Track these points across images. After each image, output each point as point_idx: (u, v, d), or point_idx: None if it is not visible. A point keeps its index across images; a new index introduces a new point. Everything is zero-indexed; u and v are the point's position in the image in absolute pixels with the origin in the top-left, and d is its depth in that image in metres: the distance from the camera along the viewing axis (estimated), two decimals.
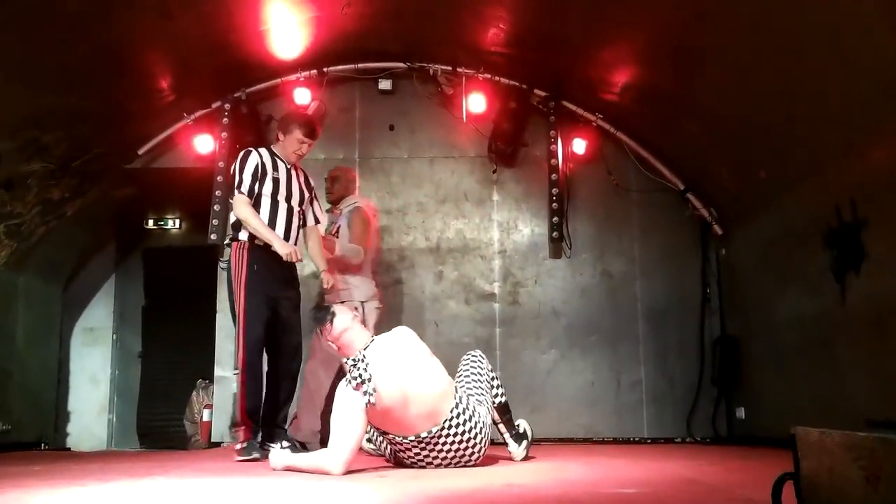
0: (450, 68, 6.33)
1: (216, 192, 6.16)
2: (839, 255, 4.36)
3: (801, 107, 4.43)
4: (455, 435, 3.54)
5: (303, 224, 4.84)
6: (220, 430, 6.08)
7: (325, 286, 4.89)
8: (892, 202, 3.86)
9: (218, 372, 6.20)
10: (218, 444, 6.05)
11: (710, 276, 6.30)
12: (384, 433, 3.59)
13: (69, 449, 6.29)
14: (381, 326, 4.52)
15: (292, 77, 6.29)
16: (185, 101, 6.10)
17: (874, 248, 4.05)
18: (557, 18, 5.28)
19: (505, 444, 4.15)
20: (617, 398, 6.22)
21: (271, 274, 4.51)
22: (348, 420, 3.33)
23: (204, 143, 6.25)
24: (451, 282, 6.41)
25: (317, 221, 4.94)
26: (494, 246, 6.46)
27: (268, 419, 4.56)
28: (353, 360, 3.44)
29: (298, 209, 4.73)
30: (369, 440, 4.23)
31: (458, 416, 3.56)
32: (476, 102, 6.31)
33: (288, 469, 3.54)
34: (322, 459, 3.37)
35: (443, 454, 3.56)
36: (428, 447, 3.54)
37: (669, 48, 4.97)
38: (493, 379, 4.07)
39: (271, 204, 4.56)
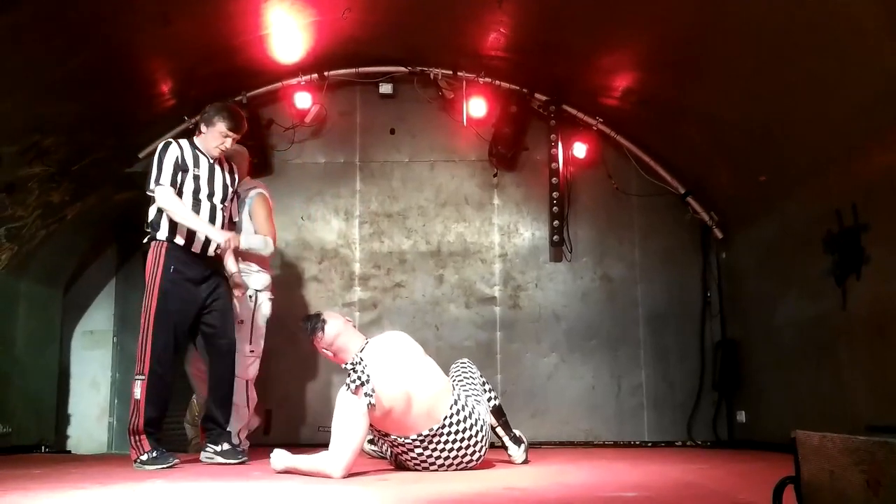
0: (450, 72, 6.34)
1: None
2: (840, 260, 4.37)
3: (801, 111, 4.44)
4: (456, 433, 3.55)
5: (230, 223, 4.62)
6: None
7: (234, 291, 4.56)
8: (894, 206, 3.86)
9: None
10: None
11: (710, 280, 6.30)
12: (385, 435, 3.59)
13: (70, 452, 6.28)
14: (383, 329, 4.50)
15: (293, 81, 6.29)
16: (186, 106, 6.09)
17: (875, 252, 4.05)
18: (558, 24, 5.29)
19: (503, 447, 4.15)
20: (617, 402, 6.22)
21: (191, 276, 4.30)
22: (349, 423, 3.33)
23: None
24: (451, 285, 6.41)
25: (237, 214, 4.79)
26: (495, 250, 6.47)
27: (207, 422, 4.47)
28: (351, 363, 3.45)
29: (222, 206, 4.45)
30: (371, 442, 4.24)
31: (457, 414, 3.57)
32: (477, 106, 6.32)
33: (288, 471, 3.54)
34: (323, 462, 3.38)
35: (444, 454, 3.56)
36: (430, 447, 3.54)
37: (670, 53, 4.97)
38: (484, 384, 4.08)
39: (192, 202, 4.30)
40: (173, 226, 4.29)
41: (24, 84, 4.60)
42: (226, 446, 4.36)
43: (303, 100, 6.29)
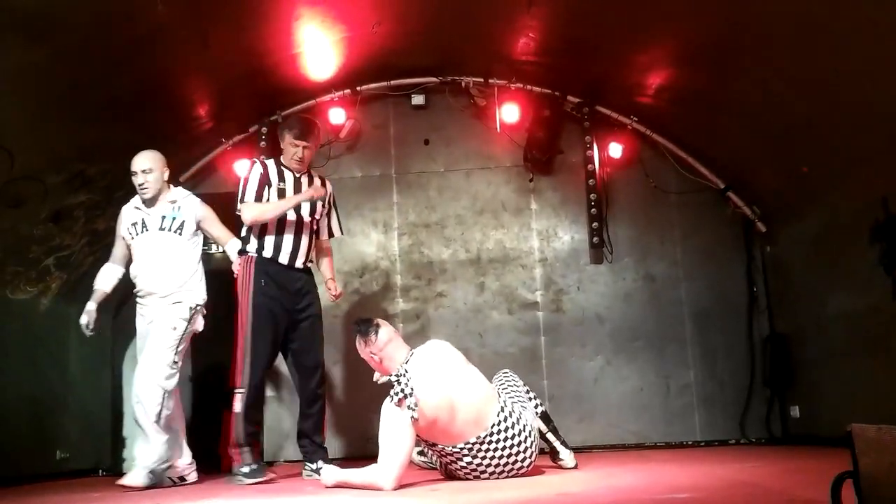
0: (482, 80, 6.35)
1: None
2: (888, 248, 4.28)
3: (844, 99, 4.36)
4: (505, 440, 3.54)
5: (316, 236, 4.69)
6: (270, 450, 6.14)
7: (331, 294, 4.69)
8: None
9: (266, 392, 6.25)
10: (270, 464, 6.10)
11: (755, 275, 6.21)
12: (434, 445, 3.60)
13: (125, 474, 6.39)
14: (427, 340, 4.51)
15: (326, 97, 6.36)
16: (224, 127, 6.20)
17: None
18: (588, 25, 5.28)
19: (550, 453, 4.12)
20: (666, 402, 6.15)
21: (281, 287, 4.39)
22: (395, 436, 3.35)
23: (243, 167, 6.33)
24: (492, 292, 6.40)
25: (331, 234, 4.82)
26: (535, 254, 6.45)
27: (302, 439, 4.52)
28: (395, 375, 3.46)
29: (309, 219, 4.54)
30: (421, 453, 4.24)
31: (505, 420, 3.56)
32: (509, 112, 6.32)
33: (339, 486, 3.56)
34: (373, 475, 3.39)
35: (494, 461, 3.55)
36: (479, 454, 3.54)
37: (704, 48, 4.92)
38: (528, 391, 4.06)
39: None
40: (262, 239, 4.43)
41: (68, 112, 4.72)
42: (320, 463, 4.34)
43: (337, 115, 6.35)
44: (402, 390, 3.36)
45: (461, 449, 3.53)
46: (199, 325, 4.58)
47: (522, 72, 6.18)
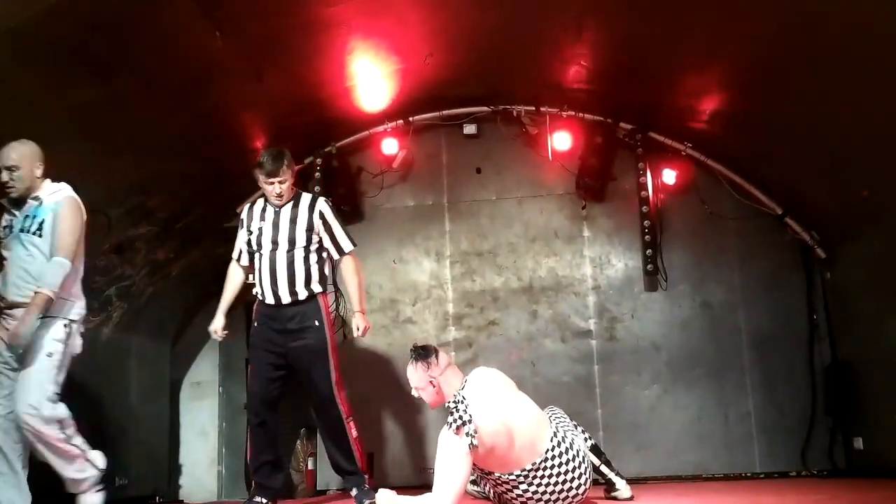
0: (533, 108, 6.37)
1: None
2: None
3: None
4: (560, 465, 3.49)
5: (323, 262, 4.54)
6: (324, 478, 6.17)
7: (355, 332, 4.57)
8: None
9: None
10: (324, 492, 6.13)
11: (816, 301, 6.06)
12: (489, 474, 3.56)
13: (182, 501, 6.47)
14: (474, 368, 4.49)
15: (379, 129, 6.44)
16: None
17: None
18: (639, 51, 5.26)
19: (605, 485, 4.05)
20: (725, 432, 6.01)
21: (273, 328, 4.44)
22: (452, 464, 3.32)
23: None
24: (545, 320, 6.36)
25: (340, 253, 4.57)
26: (588, 282, 6.40)
27: (339, 470, 4.60)
28: (453, 402, 3.42)
29: (287, 248, 4.39)
30: (474, 482, 4.21)
31: (559, 445, 3.52)
32: (561, 140, 6.31)
33: None
34: (428, 503, 3.37)
35: (550, 487, 3.50)
36: (534, 482, 3.49)
37: (756, 71, 4.87)
38: (576, 426, 4.01)
39: (250, 256, 4.57)
40: (257, 282, 4.54)
41: (130, 147, 4.87)
42: (354, 491, 4.47)
43: (389, 146, 6.42)
44: (461, 417, 3.32)
45: (517, 476, 3.49)
46: (78, 346, 3.99)
47: (574, 99, 6.18)
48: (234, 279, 4.70)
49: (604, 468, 4.00)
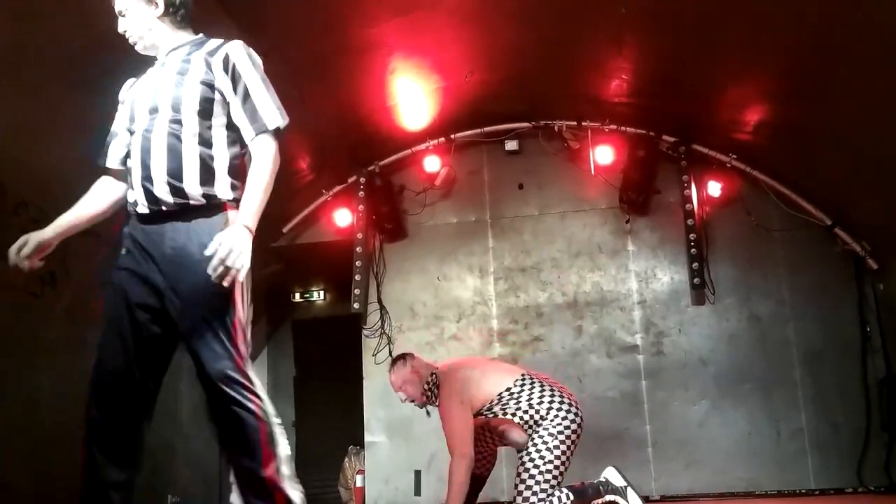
0: (575, 123, 6.37)
1: (356, 263, 6.40)
2: None
3: None
4: (529, 389, 3.90)
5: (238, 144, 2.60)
6: (372, 496, 6.19)
7: (211, 268, 2.29)
8: None
9: (368, 437, 6.34)
10: None
11: (868, 313, 5.93)
12: (485, 414, 3.91)
13: None
14: None
15: (421, 147, 6.50)
16: (324, 179, 6.41)
17: None
18: (680, 64, 5.25)
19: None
20: (777, 448, 5.89)
21: (141, 258, 2.51)
22: (453, 420, 3.83)
23: (342, 217, 6.52)
24: (591, 336, 6.32)
25: (258, 130, 2.59)
26: (633, 297, 6.35)
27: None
28: (429, 382, 4.04)
29: (171, 118, 2.48)
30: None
31: (523, 379, 3.95)
32: (603, 154, 6.30)
33: None
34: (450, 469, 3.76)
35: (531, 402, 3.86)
36: (509, 403, 3.87)
37: (801, 81, 4.82)
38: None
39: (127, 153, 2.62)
40: None
41: None
42: None
43: (432, 163, 6.47)
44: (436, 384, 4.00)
45: (493, 405, 3.87)
46: None
47: (616, 113, 6.17)
48: (93, 195, 2.69)
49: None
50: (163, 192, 2.44)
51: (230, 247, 2.29)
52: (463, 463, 3.70)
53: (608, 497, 3.98)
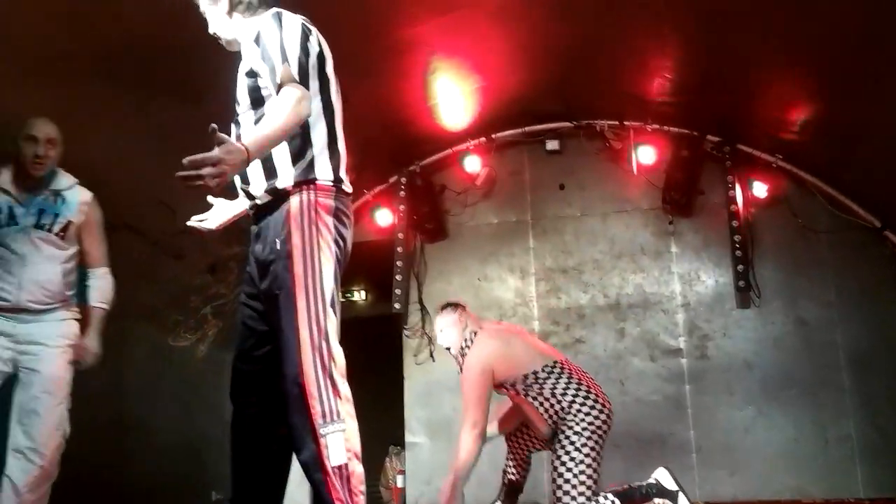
0: (616, 122, 6.31)
1: (397, 263, 6.41)
2: None
3: None
4: (557, 377, 3.90)
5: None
6: (413, 496, 6.19)
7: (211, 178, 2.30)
8: None
9: (409, 438, 6.35)
10: None
11: None
12: (511, 385, 3.90)
13: None
14: None
15: (462, 146, 6.50)
16: (365, 178, 6.43)
17: None
18: (723, 62, 5.16)
19: None
20: (825, 455, 5.76)
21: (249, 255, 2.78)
22: (472, 384, 3.86)
23: (384, 217, 6.54)
24: (633, 338, 6.25)
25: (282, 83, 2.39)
26: (677, 299, 6.26)
27: None
28: (466, 341, 4.03)
29: (240, 121, 2.66)
30: None
31: (555, 367, 3.94)
32: (646, 154, 6.22)
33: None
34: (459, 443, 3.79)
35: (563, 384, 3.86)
36: (535, 385, 3.86)
37: (847, 79, 4.71)
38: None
39: None
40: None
41: None
42: None
43: (472, 163, 6.46)
44: (468, 345, 4.00)
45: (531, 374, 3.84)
46: None
47: (658, 112, 6.09)
48: None
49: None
50: (256, 182, 2.51)
51: (219, 157, 2.19)
52: (473, 432, 3.74)
53: (657, 501, 3.92)
